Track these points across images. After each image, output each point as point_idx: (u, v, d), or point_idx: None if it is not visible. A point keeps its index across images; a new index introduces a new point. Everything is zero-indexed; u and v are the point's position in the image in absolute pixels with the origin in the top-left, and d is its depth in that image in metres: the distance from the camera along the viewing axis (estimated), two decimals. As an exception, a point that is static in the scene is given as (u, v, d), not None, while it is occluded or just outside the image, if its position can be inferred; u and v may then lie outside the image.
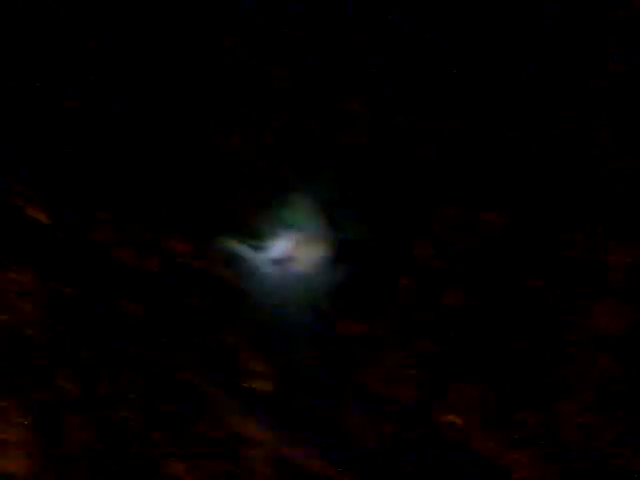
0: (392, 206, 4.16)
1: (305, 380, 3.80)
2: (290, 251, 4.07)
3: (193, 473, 3.52)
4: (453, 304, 3.87)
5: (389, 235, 4.10)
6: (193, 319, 3.81)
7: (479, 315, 3.88)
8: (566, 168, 4.12)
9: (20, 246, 3.69)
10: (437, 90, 4.28)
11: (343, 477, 3.63)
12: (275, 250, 4.08)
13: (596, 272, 3.86)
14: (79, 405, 3.42)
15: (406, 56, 4.30)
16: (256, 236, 4.11)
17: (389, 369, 3.82)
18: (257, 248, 4.06)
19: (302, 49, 4.29)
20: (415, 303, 3.89)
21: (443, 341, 3.82)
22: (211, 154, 4.16)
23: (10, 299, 3.50)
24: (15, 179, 3.79)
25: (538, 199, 4.13)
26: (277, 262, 4.05)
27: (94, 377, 3.51)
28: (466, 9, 4.27)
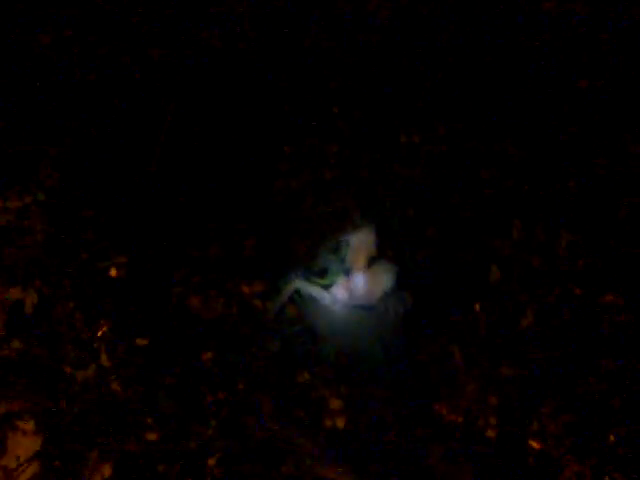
0: (457, 232, 4.13)
1: (380, 414, 3.75)
2: (357, 286, 4.06)
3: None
4: (531, 326, 3.79)
5: (458, 262, 4.06)
6: (266, 362, 3.81)
7: (558, 336, 3.79)
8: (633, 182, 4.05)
9: (94, 300, 3.79)
10: (491, 116, 4.28)
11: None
12: (342, 286, 4.07)
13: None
14: (165, 457, 3.45)
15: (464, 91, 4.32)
16: (322, 274, 4.11)
17: (468, 398, 3.75)
18: (324, 285, 4.07)
19: (355, 89, 4.36)
20: (492, 328, 3.82)
21: (523, 366, 3.74)
22: (272, 196, 4.22)
23: (91, 354, 3.60)
24: (96, 237, 3.92)
25: (606, 212, 4.06)
26: (345, 298, 4.04)
27: (176, 428, 3.54)
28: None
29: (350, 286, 4.02)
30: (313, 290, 4.02)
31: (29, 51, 4.27)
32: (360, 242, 4.10)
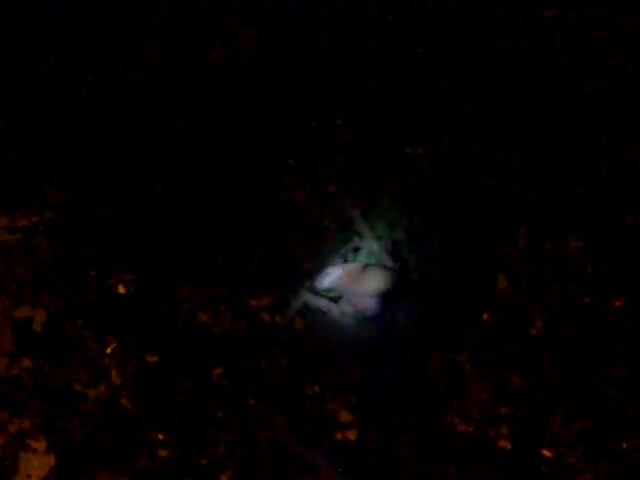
0: (463, 241, 4.13)
1: (390, 425, 3.74)
2: (365, 297, 4.05)
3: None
4: (541, 334, 3.79)
5: (464, 271, 4.06)
6: (276, 376, 3.81)
7: (568, 343, 3.78)
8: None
9: (103, 317, 3.80)
10: (495, 123, 4.28)
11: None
12: (350, 298, 4.07)
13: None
14: (177, 473, 3.46)
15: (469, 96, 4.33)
16: (329, 286, 4.11)
17: (478, 408, 3.74)
18: (331, 298, 4.07)
19: (358, 100, 4.37)
20: (501, 337, 3.82)
21: (534, 374, 3.73)
22: (277, 209, 4.23)
23: (101, 371, 3.60)
24: (103, 254, 3.93)
25: (613, 218, 4.05)
26: (352, 309, 4.04)
27: (188, 444, 3.54)
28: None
29: (360, 298, 4.02)
30: (321, 303, 4.02)
31: (34, 69, 4.30)
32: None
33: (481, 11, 4.46)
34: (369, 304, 3.97)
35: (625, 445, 3.58)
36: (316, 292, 4.04)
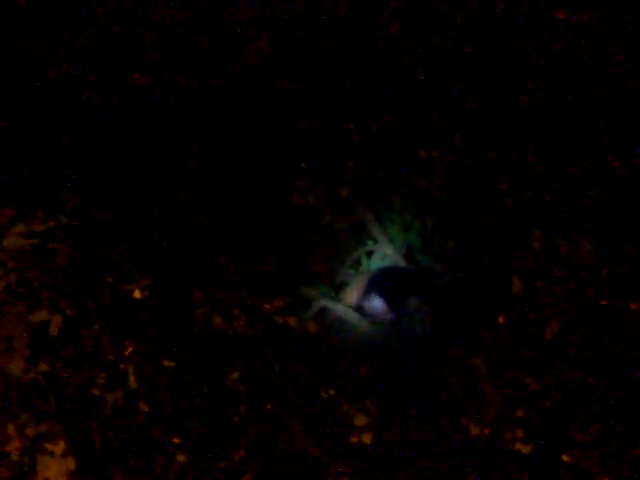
0: (477, 245, 4.14)
1: (406, 429, 3.75)
2: (378, 299, 4.07)
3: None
4: (556, 337, 3.78)
5: (479, 274, 4.06)
6: (291, 380, 3.82)
7: (584, 346, 3.78)
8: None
9: (119, 322, 3.81)
10: (508, 127, 4.28)
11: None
12: (362, 300, 4.08)
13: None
14: (195, 477, 3.46)
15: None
16: (342, 289, 4.13)
17: (493, 411, 3.74)
18: (344, 301, 4.08)
19: (370, 104, 4.38)
20: (516, 340, 3.81)
21: (549, 377, 3.73)
22: (290, 212, 4.24)
23: (118, 375, 3.61)
24: (119, 259, 3.94)
25: (626, 221, 4.05)
26: (366, 312, 4.06)
27: (205, 448, 3.55)
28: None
29: (374, 300, 4.03)
30: (339, 308, 4.03)
31: (49, 77, 4.32)
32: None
33: (493, 14, 4.46)
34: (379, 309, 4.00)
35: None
36: (332, 296, 4.06)
